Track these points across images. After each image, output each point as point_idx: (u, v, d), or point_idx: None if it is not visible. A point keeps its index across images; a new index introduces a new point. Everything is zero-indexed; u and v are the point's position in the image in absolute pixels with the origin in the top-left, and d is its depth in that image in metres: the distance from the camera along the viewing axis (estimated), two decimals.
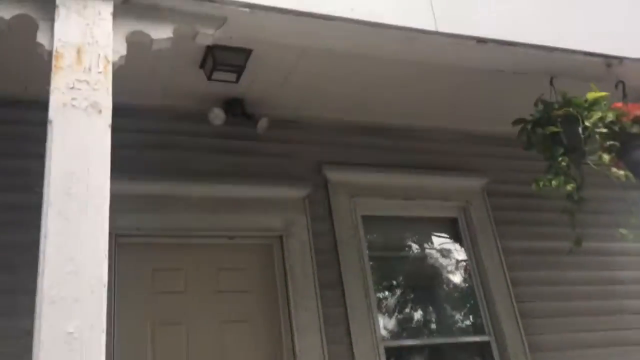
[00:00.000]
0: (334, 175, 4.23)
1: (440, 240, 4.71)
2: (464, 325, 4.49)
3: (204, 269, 3.73)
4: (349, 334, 3.79)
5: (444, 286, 4.59)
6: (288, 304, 3.75)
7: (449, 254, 4.65)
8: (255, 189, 3.93)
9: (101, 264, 1.95)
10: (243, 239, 3.89)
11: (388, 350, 3.95)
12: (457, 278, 4.63)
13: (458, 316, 4.51)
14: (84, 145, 2.07)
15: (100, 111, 2.14)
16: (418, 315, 4.40)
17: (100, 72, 2.20)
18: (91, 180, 2.04)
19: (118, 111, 2.40)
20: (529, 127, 3.38)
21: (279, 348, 3.70)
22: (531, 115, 3.37)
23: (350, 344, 3.77)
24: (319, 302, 3.78)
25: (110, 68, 2.23)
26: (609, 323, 4.52)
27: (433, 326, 4.41)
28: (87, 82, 2.16)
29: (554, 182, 3.18)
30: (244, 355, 3.63)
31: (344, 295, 3.89)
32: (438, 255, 4.65)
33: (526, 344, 4.19)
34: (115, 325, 3.29)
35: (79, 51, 2.20)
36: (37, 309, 1.84)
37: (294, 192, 4.06)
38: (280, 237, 3.93)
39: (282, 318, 3.76)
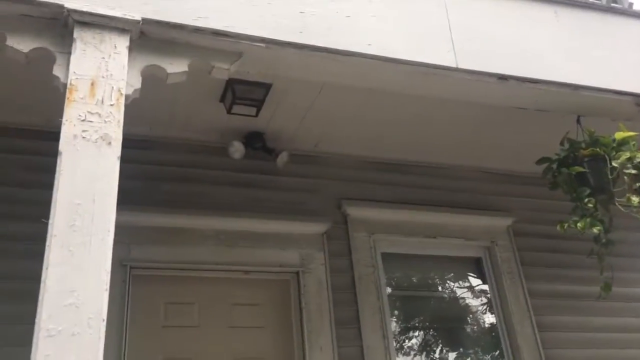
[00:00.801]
0: (354, 211, 4.16)
1: (463, 281, 4.57)
2: None
3: (217, 303, 3.67)
4: None
5: (466, 329, 4.42)
6: (303, 342, 3.66)
7: (471, 295, 4.50)
8: (273, 223, 3.88)
9: (102, 298, 1.92)
10: (259, 274, 3.83)
11: None
12: (480, 321, 4.46)
13: None
14: (92, 177, 2.07)
15: (110, 143, 2.14)
16: (438, 358, 4.23)
17: (112, 105, 2.21)
18: (97, 212, 2.03)
19: (136, 142, 2.41)
20: (554, 166, 3.29)
21: None
22: (556, 154, 3.28)
23: None
24: (334, 341, 3.68)
25: (122, 101, 2.24)
26: None
27: None
28: (99, 115, 2.18)
29: (579, 224, 3.07)
30: None
31: (360, 334, 3.78)
32: (460, 296, 4.50)
33: None
34: (126, 358, 3.25)
35: (92, 84, 2.22)
36: (34, 341, 1.82)
37: (313, 228, 4.00)
38: (297, 273, 3.85)
39: (297, 356, 3.67)
